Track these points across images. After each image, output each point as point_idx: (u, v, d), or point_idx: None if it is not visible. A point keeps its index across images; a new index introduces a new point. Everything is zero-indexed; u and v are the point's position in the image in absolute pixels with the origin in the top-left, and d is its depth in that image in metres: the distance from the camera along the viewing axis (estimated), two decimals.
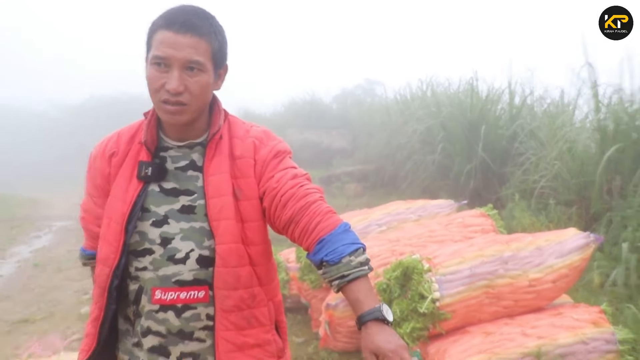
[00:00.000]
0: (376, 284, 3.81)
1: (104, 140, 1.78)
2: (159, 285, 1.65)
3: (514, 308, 3.64)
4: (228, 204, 1.65)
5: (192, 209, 1.66)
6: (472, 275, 3.52)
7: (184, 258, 1.65)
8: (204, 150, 1.70)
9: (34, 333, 4.97)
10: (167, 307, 1.65)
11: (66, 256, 8.08)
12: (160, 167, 1.68)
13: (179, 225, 1.66)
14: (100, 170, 1.74)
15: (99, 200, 1.76)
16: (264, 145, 1.71)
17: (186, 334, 1.67)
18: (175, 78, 1.56)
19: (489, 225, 4.42)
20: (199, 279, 1.65)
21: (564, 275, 3.72)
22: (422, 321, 3.48)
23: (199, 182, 1.68)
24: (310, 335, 4.67)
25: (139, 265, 1.67)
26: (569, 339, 3.43)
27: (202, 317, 1.67)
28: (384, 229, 4.54)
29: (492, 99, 8.80)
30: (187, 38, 1.56)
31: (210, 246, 1.65)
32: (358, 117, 14.52)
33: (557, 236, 3.89)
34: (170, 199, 1.67)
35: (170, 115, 1.61)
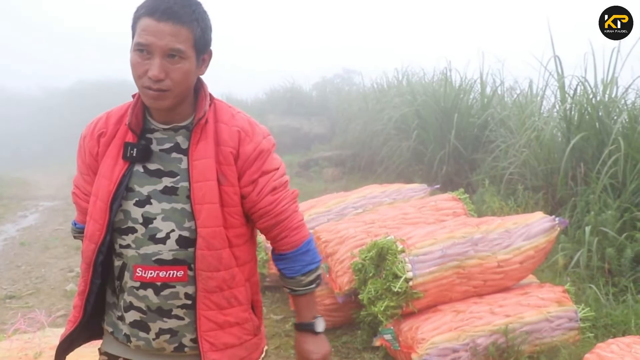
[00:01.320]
0: (352, 264, 3.80)
1: (94, 121, 1.76)
2: (140, 263, 1.64)
3: (483, 287, 3.66)
4: (212, 189, 1.63)
5: (175, 190, 1.64)
6: (443, 256, 3.52)
7: (164, 238, 1.63)
8: (188, 133, 1.67)
9: (19, 309, 4.89)
10: (147, 284, 1.65)
11: (52, 235, 7.98)
12: (145, 149, 1.65)
13: (161, 205, 1.64)
14: (89, 149, 1.73)
15: (88, 177, 1.76)
16: (249, 139, 1.68)
17: (165, 311, 1.66)
18: (157, 65, 1.54)
19: (460, 209, 4.43)
20: (179, 259, 1.64)
21: (531, 257, 3.74)
22: (396, 300, 3.48)
23: (183, 165, 1.65)
24: (289, 313, 4.65)
25: (123, 243, 1.66)
26: (535, 317, 3.46)
27: (180, 296, 1.66)
28: (360, 211, 4.52)
29: (465, 88, 8.80)
30: (168, 26, 1.53)
31: (191, 227, 1.64)
32: (336, 105, 14.46)
33: (525, 219, 3.90)
34: (154, 179, 1.65)
35: (153, 100, 1.59)
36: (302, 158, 11.90)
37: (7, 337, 3.42)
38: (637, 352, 2.41)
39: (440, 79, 9.55)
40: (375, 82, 12.37)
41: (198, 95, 1.69)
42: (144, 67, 1.55)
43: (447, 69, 9.04)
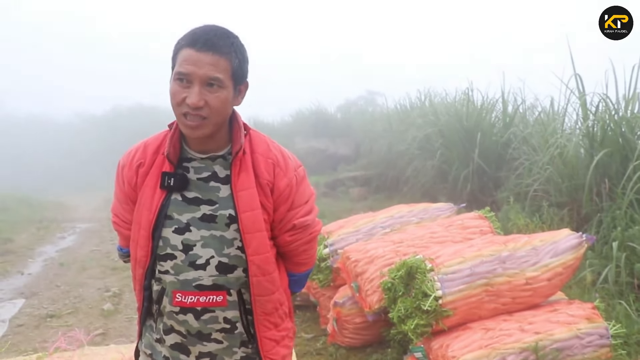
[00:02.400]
0: (381, 283, 3.76)
1: (132, 150, 1.78)
2: (180, 289, 1.66)
3: (512, 305, 3.59)
4: (259, 218, 1.67)
5: (213, 217, 1.66)
6: (472, 274, 3.47)
7: (204, 264, 1.65)
8: (225, 162, 1.70)
9: (59, 328, 4.95)
10: (187, 309, 1.67)
11: (89, 256, 8.08)
12: (182, 178, 1.68)
13: (200, 232, 1.66)
14: (128, 179, 1.75)
15: (127, 206, 1.78)
16: (283, 174, 1.72)
17: (204, 335, 1.68)
18: (196, 93, 1.56)
19: (487, 227, 4.38)
20: (218, 284, 1.66)
21: (559, 274, 3.67)
22: (426, 318, 3.43)
23: (221, 193, 1.67)
24: (319, 332, 4.62)
25: (162, 269, 1.68)
26: (565, 333, 3.38)
27: (219, 320, 1.68)
28: (388, 231, 4.49)
29: (487, 107, 8.76)
30: (207, 56, 1.55)
31: (230, 254, 1.66)
32: (361, 126, 14.50)
33: (552, 236, 3.84)
34: (192, 207, 1.67)
35: (191, 129, 1.60)
36: (329, 178, 11.92)
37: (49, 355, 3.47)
38: None
39: (462, 98, 9.53)
40: (398, 104, 12.42)
41: (232, 125, 1.72)
42: (183, 95, 1.57)
43: (468, 89, 9.05)
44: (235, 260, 1.66)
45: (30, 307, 5.66)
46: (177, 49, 1.61)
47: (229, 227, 1.66)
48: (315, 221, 1.87)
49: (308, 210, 1.82)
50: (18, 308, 5.65)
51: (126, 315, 5.36)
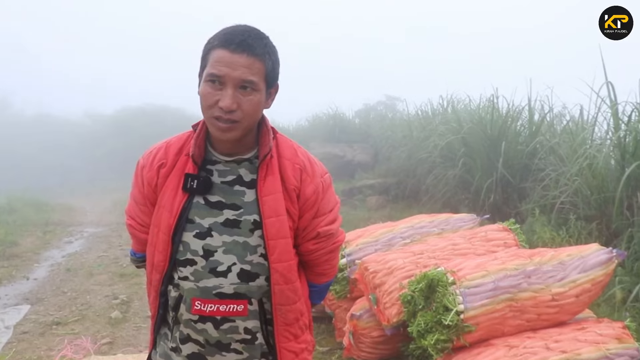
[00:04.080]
0: (401, 296, 3.77)
1: (153, 150, 1.78)
2: (199, 296, 1.66)
3: (537, 322, 3.58)
4: (284, 224, 1.68)
5: (237, 223, 1.67)
6: (495, 288, 3.47)
7: (225, 271, 1.66)
8: (251, 166, 1.70)
9: (65, 335, 4.99)
10: (206, 318, 1.67)
11: (97, 261, 8.13)
12: (206, 181, 1.68)
13: (222, 238, 1.66)
14: (148, 180, 1.75)
15: (145, 208, 1.78)
16: (309, 180, 1.73)
17: (224, 345, 1.68)
18: (229, 96, 1.56)
19: (511, 240, 4.36)
20: (240, 292, 1.66)
21: (587, 290, 3.65)
22: (447, 333, 3.43)
23: (246, 198, 1.68)
24: (334, 345, 4.63)
25: (181, 275, 1.68)
26: (593, 353, 3.35)
27: (239, 330, 1.68)
28: (408, 241, 4.50)
29: (512, 115, 8.73)
30: (242, 58, 1.56)
31: (252, 261, 1.67)
32: (380, 132, 14.49)
33: (580, 251, 3.82)
34: (215, 211, 1.68)
35: (222, 132, 1.61)
36: (346, 186, 11.91)
37: None
38: None
39: (486, 105, 9.51)
40: (419, 109, 12.39)
41: (260, 129, 1.73)
42: (215, 97, 1.57)
43: (493, 96, 9.02)
44: (257, 267, 1.67)
45: (36, 314, 5.71)
46: (208, 49, 1.61)
47: (253, 233, 1.66)
48: (339, 231, 1.88)
49: (332, 218, 1.83)
50: (23, 314, 5.70)
51: (134, 323, 5.39)
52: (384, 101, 19.00)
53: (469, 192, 8.42)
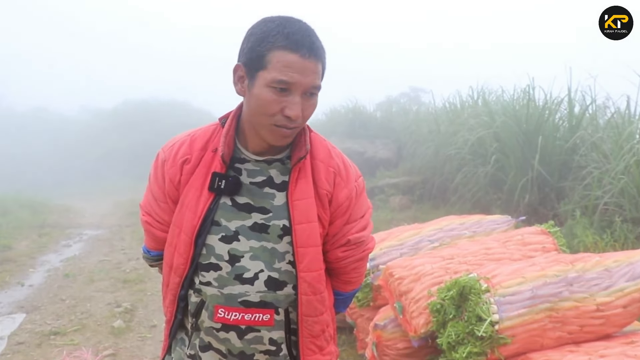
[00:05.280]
0: (429, 304, 3.75)
1: (176, 144, 1.76)
2: (223, 304, 1.66)
3: (579, 334, 3.55)
4: (315, 231, 1.68)
5: (265, 228, 1.67)
6: (533, 297, 3.44)
7: (252, 278, 1.66)
8: (283, 167, 1.71)
9: (64, 346, 5.02)
10: (230, 326, 1.68)
11: (98, 266, 8.19)
12: (235, 181, 1.68)
13: (249, 243, 1.67)
14: (170, 176, 1.73)
15: (165, 205, 1.77)
16: (343, 184, 1.75)
17: (247, 355, 1.70)
18: (299, 105, 1.57)
19: (550, 244, 4.33)
20: (266, 301, 1.67)
21: (637, 300, 3.61)
22: (480, 345, 3.41)
23: (276, 201, 1.68)
24: (356, 357, 4.63)
25: (203, 280, 1.69)
26: None
27: (264, 341, 1.69)
28: (437, 245, 4.49)
29: (550, 107, 8.66)
30: (312, 63, 1.56)
31: (280, 269, 1.68)
32: (403, 126, 14.46)
33: (628, 257, 3.78)
34: (243, 214, 1.68)
35: (283, 139, 1.63)
36: (367, 185, 11.81)
37: None
38: None
39: (521, 97, 9.45)
40: (447, 102, 12.36)
41: None
42: (280, 105, 1.56)
43: (529, 87, 8.96)
44: (285, 275, 1.68)
45: (32, 323, 5.74)
46: (267, 49, 1.55)
47: (282, 239, 1.67)
48: (370, 237, 1.89)
49: (364, 225, 1.84)
50: (18, 324, 5.74)
51: (139, 333, 5.43)
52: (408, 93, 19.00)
53: (502, 191, 8.37)
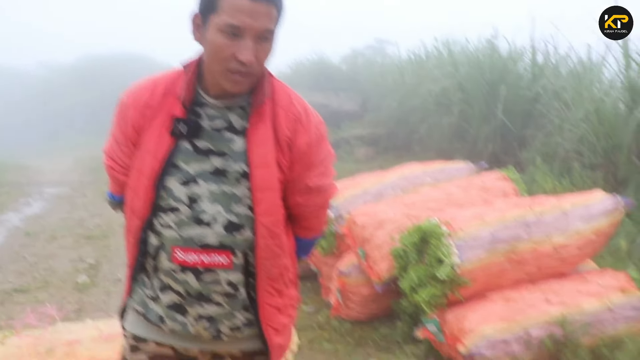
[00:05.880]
0: (392, 250, 3.85)
1: (138, 89, 1.77)
2: (182, 246, 1.68)
3: (537, 274, 3.68)
4: (273, 175, 1.70)
5: (224, 172, 1.69)
6: (493, 240, 3.55)
7: (210, 221, 1.68)
8: (243, 112, 1.71)
9: (28, 303, 5.00)
10: (188, 268, 1.70)
11: (60, 224, 8.10)
12: (195, 126, 1.69)
13: (209, 187, 1.68)
14: (132, 120, 1.74)
15: (127, 149, 1.78)
16: (304, 130, 1.75)
17: (204, 297, 1.72)
18: (250, 49, 1.57)
19: (511, 189, 4.45)
20: (225, 244, 1.69)
21: (591, 241, 3.75)
22: (441, 288, 3.52)
23: (235, 146, 1.70)
24: (321, 304, 4.73)
25: (162, 222, 1.70)
26: (594, 306, 3.48)
27: (222, 283, 1.71)
28: (399, 192, 4.56)
29: (513, 57, 8.74)
30: (263, 6, 1.55)
31: (239, 213, 1.70)
32: (369, 79, 14.42)
33: (584, 200, 3.91)
34: (202, 158, 1.69)
35: (235, 84, 1.63)
36: (332, 137, 11.85)
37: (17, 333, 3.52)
38: None
39: (485, 47, 9.48)
40: (412, 53, 12.33)
41: None
42: (232, 49, 1.57)
43: (492, 37, 8.99)
44: (244, 219, 1.70)
45: None
46: None
47: (240, 184, 1.69)
48: (331, 185, 1.91)
49: (324, 172, 1.85)
50: None
51: (104, 288, 5.43)
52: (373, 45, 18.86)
53: (466, 141, 8.47)
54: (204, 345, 1.81)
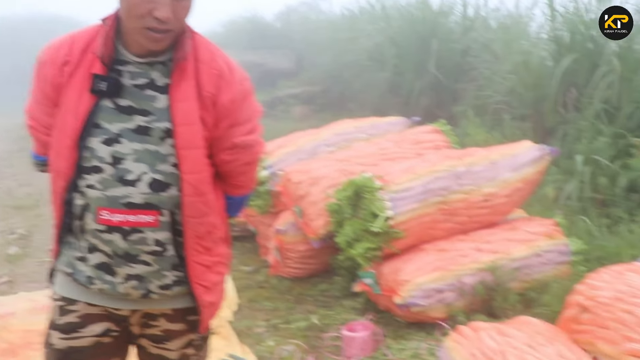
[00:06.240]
0: (327, 206, 3.88)
1: (55, 45, 1.73)
2: (107, 206, 1.66)
3: (468, 224, 3.78)
4: (197, 133, 1.69)
5: (148, 130, 1.67)
6: (425, 191, 3.62)
7: (135, 180, 1.66)
8: (165, 69, 1.69)
9: None
10: (114, 228, 1.68)
11: None
12: (116, 83, 1.66)
13: (132, 145, 1.66)
14: (50, 78, 1.70)
15: (48, 109, 1.74)
16: (227, 86, 1.74)
17: (132, 256, 1.71)
18: (167, 5, 1.55)
19: (442, 141, 4.52)
20: (150, 203, 1.68)
21: (519, 189, 3.87)
22: (376, 241, 3.58)
23: (158, 104, 1.68)
24: (260, 263, 4.75)
25: (87, 183, 1.68)
26: (524, 252, 3.61)
27: (149, 242, 1.70)
28: (333, 149, 4.58)
29: (445, 11, 8.79)
30: None
31: (165, 171, 1.68)
32: (303, 36, 14.29)
33: (511, 150, 4.01)
34: (124, 117, 1.67)
35: (156, 42, 1.61)
36: (267, 96, 11.78)
37: None
38: (628, 278, 2.56)
39: (417, 1, 9.49)
40: (345, 9, 12.27)
41: None
42: (148, 6, 1.54)
43: None
44: (169, 177, 1.69)
45: None
46: None
47: (164, 142, 1.67)
48: (258, 141, 1.90)
49: (251, 128, 1.84)
50: None
51: (37, 258, 5.29)
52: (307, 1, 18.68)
53: (400, 96, 8.51)
54: (134, 305, 1.80)
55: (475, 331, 2.77)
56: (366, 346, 3.34)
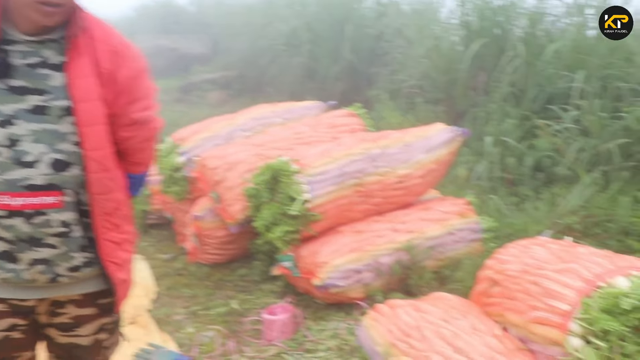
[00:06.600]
0: (245, 190, 3.87)
1: None
2: (5, 190, 1.62)
3: (384, 205, 3.86)
4: (98, 109, 1.68)
5: (45, 109, 1.63)
6: (341, 174, 3.66)
7: (34, 162, 1.63)
8: (57, 46, 1.66)
9: None
10: (15, 212, 1.63)
11: None
12: (5, 63, 1.61)
13: (29, 126, 1.62)
14: None
15: None
16: (123, 62, 1.74)
17: (37, 240, 1.67)
18: None
19: (358, 125, 4.58)
20: (53, 183, 1.65)
21: (432, 170, 3.97)
22: (294, 224, 3.60)
23: (53, 82, 1.65)
24: (177, 251, 4.70)
25: None
26: (437, 231, 3.73)
27: (53, 224, 1.67)
28: (249, 134, 4.56)
29: None
30: None
31: (67, 150, 1.65)
32: (218, 20, 14.10)
33: (424, 132, 4.11)
34: (17, 97, 1.62)
35: (49, 17, 1.58)
36: (182, 82, 11.61)
37: None
38: (534, 252, 2.68)
39: None
40: None
41: None
42: None
43: None
44: (71, 156, 1.66)
45: None
46: None
47: (63, 120, 1.64)
48: (155, 117, 1.92)
49: (148, 104, 1.86)
50: None
51: None
52: None
53: (316, 81, 8.56)
54: (41, 293, 1.75)
55: (392, 308, 2.85)
56: (286, 329, 3.37)
